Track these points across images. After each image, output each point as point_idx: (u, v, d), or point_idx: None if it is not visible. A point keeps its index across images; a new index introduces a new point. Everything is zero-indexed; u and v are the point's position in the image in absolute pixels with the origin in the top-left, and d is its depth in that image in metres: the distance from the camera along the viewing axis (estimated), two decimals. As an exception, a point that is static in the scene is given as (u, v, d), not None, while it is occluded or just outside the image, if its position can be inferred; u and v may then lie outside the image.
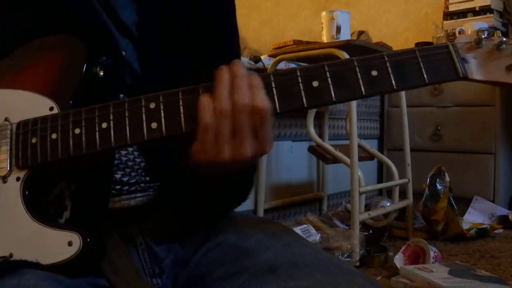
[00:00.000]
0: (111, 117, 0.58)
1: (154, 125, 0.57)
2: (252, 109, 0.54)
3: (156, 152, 0.71)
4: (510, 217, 2.37)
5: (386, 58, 0.57)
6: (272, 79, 0.57)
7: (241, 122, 0.54)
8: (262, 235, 0.69)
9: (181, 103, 0.57)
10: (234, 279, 0.61)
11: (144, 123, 0.57)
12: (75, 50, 0.65)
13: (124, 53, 0.71)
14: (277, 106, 0.56)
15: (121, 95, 0.69)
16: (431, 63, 0.57)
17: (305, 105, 0.57)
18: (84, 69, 0.63)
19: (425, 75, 0.57)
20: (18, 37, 0.68)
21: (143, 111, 0.58)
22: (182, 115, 0.57)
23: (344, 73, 0.57)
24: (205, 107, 0.55)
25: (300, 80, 0.57)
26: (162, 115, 0.57)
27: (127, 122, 0.58)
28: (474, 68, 0.58)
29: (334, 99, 0.57)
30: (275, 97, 0.56)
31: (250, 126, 0.55)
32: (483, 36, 0.58)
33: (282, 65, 2.25)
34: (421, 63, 0.57)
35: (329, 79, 0.56)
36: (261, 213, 2.10)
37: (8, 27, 0.70)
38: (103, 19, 0.70)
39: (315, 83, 0.57)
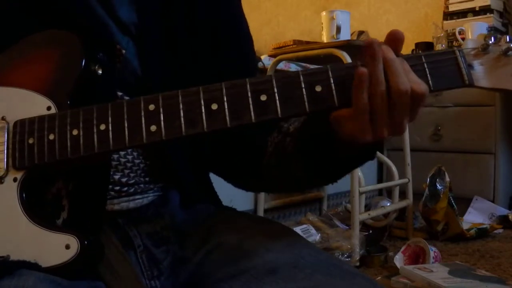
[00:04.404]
0: (110, 119, 0.57)
1: (153, 128, 0.56)
2: (412, 93, 0.54)
3: (165, 153, 0.70)
4: (510, 217, 2.37)
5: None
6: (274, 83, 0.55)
7: (402, 105, 0.55)
8: (262, 236, 0.68)
9: (181, 106, 0.56)
10: (234, 281, 0.61)
11: (143, 125, 0.56)
12: (72, 47, 0.63)
13: (124, 51, 0.70)
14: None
15: (119, 93, 0.68)
16: (437, 69, 0.56)
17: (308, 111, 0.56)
18: (82, 67, 0.62)
19: (430, 82, 0.55)
20: (9, 33, 0.67)
21: (142, 113, 0.56)
22: (182, 118, 0.55)
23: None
24: (361, 88, 0.54)
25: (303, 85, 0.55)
26: (162, 118, 0.56)
27: (125, 125, 0.57)
28: (481, 75, 0.56)
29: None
30: (278, 101, 0.55)
31: (409, 108, 0.55)
32: (490, 42, 0.56)
33: (282, 65, 2.24)
34: (427, 69, 0.56)
35: (332, 84, 0.55)
36: (261, 213, 2.10)
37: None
38: (98, 14, 0.69)
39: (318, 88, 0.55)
